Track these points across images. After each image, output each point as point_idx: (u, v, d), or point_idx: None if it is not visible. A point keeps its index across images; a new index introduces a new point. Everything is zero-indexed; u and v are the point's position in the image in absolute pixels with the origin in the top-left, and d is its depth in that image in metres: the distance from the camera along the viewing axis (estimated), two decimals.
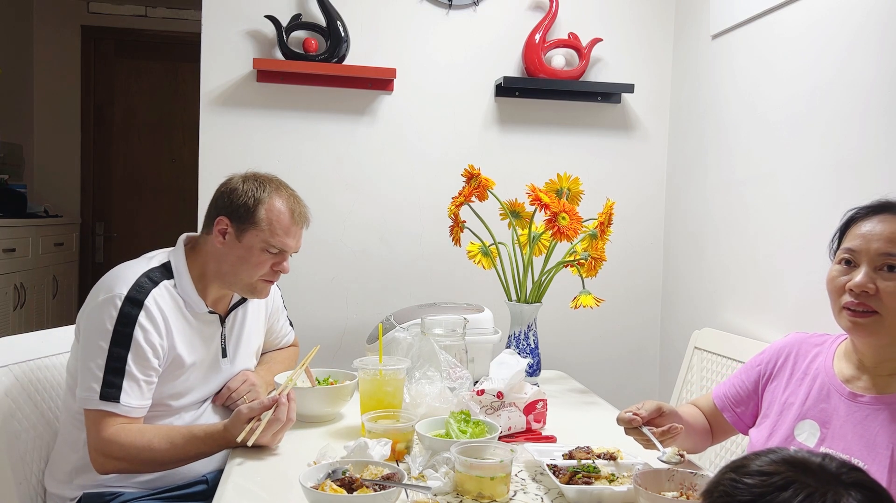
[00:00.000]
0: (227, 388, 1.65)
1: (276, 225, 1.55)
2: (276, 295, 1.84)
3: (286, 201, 1.58)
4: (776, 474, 0.70)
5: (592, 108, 2.52)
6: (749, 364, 1.40)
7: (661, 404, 1.32)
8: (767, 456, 0.73)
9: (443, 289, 2.41)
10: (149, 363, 1.45)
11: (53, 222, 4.10)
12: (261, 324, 1.78)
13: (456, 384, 1.63)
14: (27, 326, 3.58)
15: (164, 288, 1.52)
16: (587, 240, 1.94)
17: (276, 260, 1.57)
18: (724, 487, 0.72)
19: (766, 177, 2.00)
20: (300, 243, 1.61)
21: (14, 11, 4.27)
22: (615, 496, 1.19)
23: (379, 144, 2.42)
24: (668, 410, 1.32)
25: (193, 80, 2.48)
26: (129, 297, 1.45)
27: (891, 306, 1.13)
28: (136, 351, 1.43)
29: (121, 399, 1.41)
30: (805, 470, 0.70)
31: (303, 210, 1.61)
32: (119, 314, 1.44)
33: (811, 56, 1.82)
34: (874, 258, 1.15)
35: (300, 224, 1.60)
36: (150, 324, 1.46)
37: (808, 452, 0.74)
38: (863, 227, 1.18)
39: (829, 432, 1.20)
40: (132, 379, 1.43)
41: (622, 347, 2.59)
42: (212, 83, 2.31)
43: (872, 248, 1.15)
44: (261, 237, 1.54)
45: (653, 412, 1.30)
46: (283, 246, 1.56)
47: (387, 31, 2.40)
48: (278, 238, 1.55)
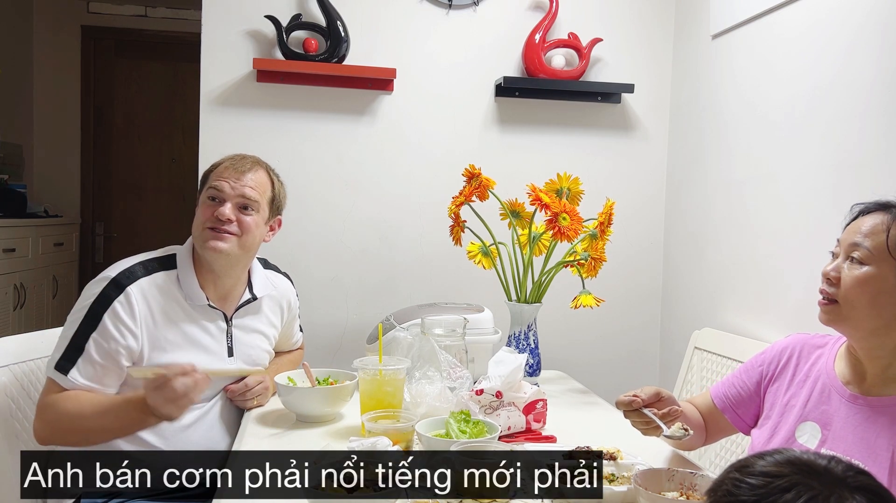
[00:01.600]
0: (245, 384, 1.66)
1: (215, 174, 1.62)
2: (295, 304, 1.85)
3: (228, 157, 1.65)
4: (780, 476, 0.69)
5: (592, 108, 2.52)
6: (750, 364, 1.40)
7: (659, 389, 1.33)
8: (773, 456, 0.73)
9: (443, 289, 2.41)
10: (110, 348, 1.47)
11: (53, 222, 4.10)
12: (275, 327, 1.78)
13: (456, 384, 1.63)
14: (27, 326, 3.58)
15: (158, 278, 1.54)
16: (587, 240, 1.94)
17: (216, 206, 1.59)
18: (728, 487, 0.71)
19: (766, 177, 2.00)
20: (243, 189, 1.60)
21: (14, 11, 4.27)
22: (615, 496, 1.19)
23: (379, 144, 2.41)
24: (666, 395, 1.33)
25: (193, 80, 2.47)
26: (115, 280, 1.49)
27: (845, 295, 1.16)
28: (101, 333, 1.46)
29: (69, 373, 1.44)
30: (810, 472, 0.69)
31: (243, 160, 1.64)
32: (100, 294, 1.48)
33: (811, 56, 1.82)
34: (847, 247, 1.18)
35: (237, 168, 1.62)
36: (124, 311, 1.48)
37: (815, 454, 0.74)
38: (854, 223, 1.21)
39: (830, 434, 1.20)
40: (88, 359, 1.45)
41: (622, 347, 2.59)
42: (212, 83, 2.31)
43: (849, 240, 1.18)
44: (205, 188, 1.62)
45: (652, 396, 1.31)
46: (217, 186, 1.59)
47: (387, 31, 2.40)
48: (215, 180, 1.60)
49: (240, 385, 1.65)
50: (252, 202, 1.61)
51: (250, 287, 1.70)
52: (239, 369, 1.66)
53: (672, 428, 1.23)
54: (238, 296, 1.67)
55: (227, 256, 1.59)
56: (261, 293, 1.71)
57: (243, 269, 1.68)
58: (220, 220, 1.57)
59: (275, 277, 1.80)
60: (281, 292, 1.79)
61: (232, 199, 1.59)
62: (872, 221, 1.17)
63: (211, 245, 1.57)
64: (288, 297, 1.82)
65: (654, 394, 1.32)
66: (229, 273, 1.64)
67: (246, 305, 1.68)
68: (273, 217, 1.69)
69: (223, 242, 1.57)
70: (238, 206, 1.59)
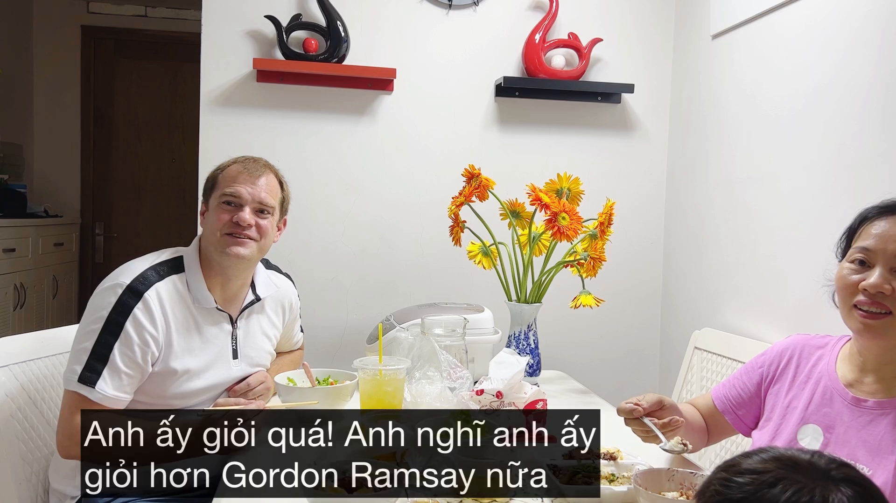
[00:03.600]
0: (247, 383, 1.66)
1: (228, 178, 1.61)
2: (296, 305, 1.85)
3: (239, 161, 1.64)
4: (766, 472, 0.71)
5: (592, 108, 2.52)
6: (750, 366, 1.39)
7: (662, 397, 1.32)
8: (759, 454, 0.74)
9: (443, 289, 2.41)
10: (135, 356, 1.46)
11: (53, 222, 4.10)
12: (277, 327, 1.78)
13: (456, 384, 1.63)
14: (27, 326, 3.58)
15: (171, 282, 1.53)
16: (587, 240, 1.94)
17: (233, 211, 1.58)
18: (716, 486, 0.72)
19: (766, 176, 2.00)
20: (259, 194, 1.60)
21: (14, 11, 4.27)
22: (615, 496, 1.19)
23: (379, 144, 2.41)
24: (668, 404, 1.32)
25: (193, 80, 2.48)
26: (131, 287, 1.47)
27: None
28: (124, 341, 1.44)
29: (97, 385, 1.42)
30: (795, 467, 0.71)
31: (255, 163, 1.64)
32: (117, 302, 1.46)
33: (811, 56, 1.82)
34: (891, 259, 1.14)
35: (252, 172, 1.61)
36: (145, 317, 1.47)
37: (798, 450, 0.75)
38: (877, 227, 1.17)
39: (833, 437, 1.19)
40: (114, 368, 1.44)
41: (622, 347, 2.59)
42: (212, 83, 2.31)
43: (889, 249, 1.14)
44: (217, 194, 1.60)
45: (654, 404, 1.30)
46: (233, 191, 1.58)
47: (387, 31, 2.40)
48: (229, 187, 1.59)
49: (242, 385, 1.65)
50: (269, 207, 1.61)
51: (253, 288, 1.70)
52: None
53: (671, 442, 1.23)
54: (243, 297, 1.67)
55: (247, 262, 1.60)
56: (264, 294, 1.71)
57: (251, 272, 1.69)
58: (240, 226, 1.57)
59: (276, 278, 1.80)
60: (283, 293, 1.79)
61: (250, 205, 1.59)
62: None
63: (234, 251, 1.56)
64: (290, 298, 1.82)
65: (656, 401, 1.30)
66: (240, 276, 1.64)
67: (250, 306, 1.68)
68: (281, 218, 1.70)
69: (244, 248, 1.57)
70: (255, 211, 1.60)
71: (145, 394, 1.52)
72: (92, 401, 1.42)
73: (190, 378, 1.55)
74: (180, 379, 1.53)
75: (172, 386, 1.52)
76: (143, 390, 1.51)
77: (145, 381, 1.51)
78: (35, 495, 1.56)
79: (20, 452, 1.54)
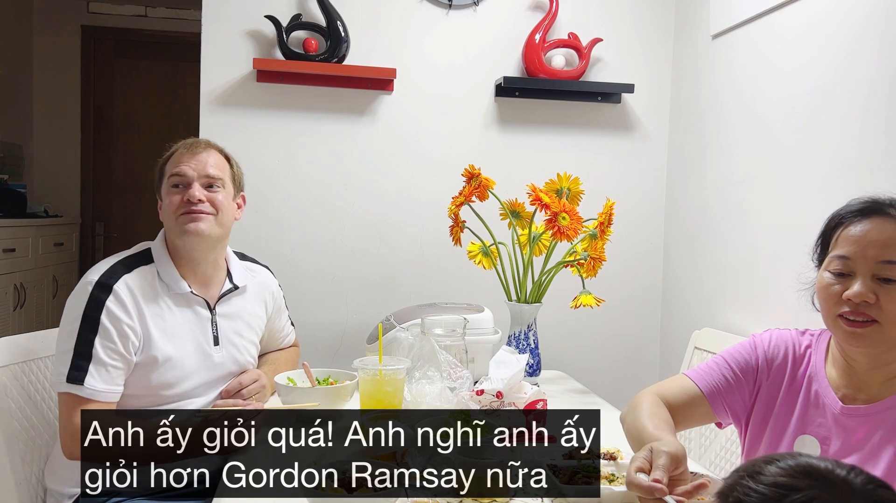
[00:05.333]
0: (238, 383, 1.66)
1: (172, 163, 1.63)
2: (278, 294, 1.85)
3: (179, 145, 1.65)
4: (795, 489, 0.64)
5: (592, 108, 2.52)
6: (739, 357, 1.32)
7: (672, 452, 1.05)
8: (786, 461, 0.67)
9: (443, 289, 2.41)
10: (116, 347, 1.47)
11: (53, 222, 4.10)
12: (261, 317, 1.78)
13: (456, 384, 1.63)
14: (27, 326, 3.58)
15: (139, 273, 1.56)
16: (587, 240, 1.94)
17: (183, 191, 1.59)
18: (738, 495, 0.67)
19: (766, 177, 2.00)
20: (204, 168, 1.61)
21: (14, 11, 4.27)
22: (615, 496, 1.19)
23: (379, 144, 2.41)
24: (680, 454, 1.07)
25: (193, 80, 2.48)
26: (99, 283, 1.50)
27: (892, 315, 1.08)
28: (103, 334, 1.46)
29: (85, 382, 1.44)
30: (827, 484, 0.64)
31: (195, 143, 1.65)
32: (88, 299, 1.48)
33: (811, 56, 1.82)
34: (872, 266, 1.09)
35: (193, 150, 1.62)
36: (118, 308, 1.48)
37: (834, 462, 0.67)
38: (853, 231, 1.12)
39: (830, 450, 1.17)
40: (98, 363, 1.45)
41: (622, 347, 2.59)
42: (212, 83, 2.31)
43: (870, 255, 1.09)
44: (165, 179, 1.62)
45: (670, 468, 1.03)
46: (178, 171, 1.60)
47: (387, 31, 2.40)
48: (174, 169, 1.61)
49: (233, 383, 1.65)
50: (216, 179, 1.62)
51: (230, 277, 1.71)
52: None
53: None
54: (219, 283, 1.68)
55: (208, 237, 1.60)
56: (241, 282, 1.72)
57: (220, 253, 1.69)
58: (192, 202, 1.58)
59: (254, 266, 1.81)
60: (262, 282, 1.80)
61: (197, 180, 1.60)
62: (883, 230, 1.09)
63: (192, 228, 1.58)
64: (270, 288, 1.82)
65: (670, 462, 1.04)
66: (207, 257, 1.65)
67: (228, 294, 1.69)
68: (237, 194, 1.70)
69: (201, 223, 1.59)
70: (204, 186, 1.61)
71: (133, 387, 1.53)
72: (85, 399, 1.44)
73: (173, 366, 1.55)
74: (163, 367, 1.54)
75: (155, 374, 1.53)
76: (129, 383, 1.52)
77: (130, 374, 1.52)
78: (35, 495, 1.56)
79: (20, 452, 1.54)
